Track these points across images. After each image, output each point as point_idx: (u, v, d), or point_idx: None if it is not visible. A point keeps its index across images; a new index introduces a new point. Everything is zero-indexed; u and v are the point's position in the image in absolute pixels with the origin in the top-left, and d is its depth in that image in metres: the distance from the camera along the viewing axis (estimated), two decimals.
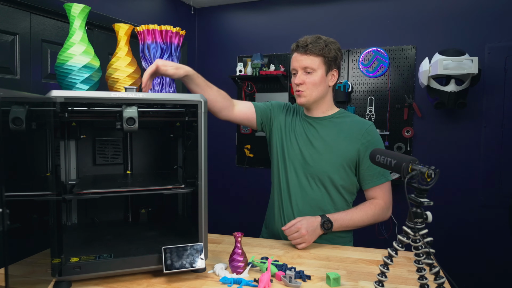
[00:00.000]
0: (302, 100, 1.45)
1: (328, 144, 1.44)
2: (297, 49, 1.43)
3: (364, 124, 1.45)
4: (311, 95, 1.43)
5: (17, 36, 2.12)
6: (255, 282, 1.04)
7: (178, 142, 1.41)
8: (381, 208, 1.43)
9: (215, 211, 3.50)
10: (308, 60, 1.40)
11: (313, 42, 1.40)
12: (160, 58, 1.26)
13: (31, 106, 0.89)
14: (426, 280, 0.92)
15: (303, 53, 1.41)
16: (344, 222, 1.38)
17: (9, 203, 0.73)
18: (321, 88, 1.44)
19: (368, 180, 1.43)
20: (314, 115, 1.50)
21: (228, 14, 3.52)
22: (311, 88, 1.42)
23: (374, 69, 3.02)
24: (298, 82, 1.42)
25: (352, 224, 1.40)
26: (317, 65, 1.41)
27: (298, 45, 1.42)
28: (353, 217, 1.40)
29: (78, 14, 1.14)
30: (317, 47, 1.40)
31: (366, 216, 1.41)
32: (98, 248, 1.12)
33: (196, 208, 1.13)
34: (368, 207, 1.42)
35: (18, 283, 0.81)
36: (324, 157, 1.43)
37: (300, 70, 1.42)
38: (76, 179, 1.32)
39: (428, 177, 0.83)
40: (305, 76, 1.42)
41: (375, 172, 1.42)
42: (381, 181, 1.43)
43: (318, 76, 1.41)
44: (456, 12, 2.82)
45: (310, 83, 1.42)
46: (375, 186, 1.43)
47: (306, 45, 1.40)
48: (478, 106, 2.79)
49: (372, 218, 1.42)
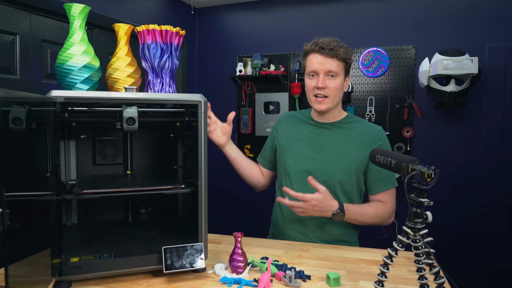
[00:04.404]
0: (324, 106, 1.39)
1: (338, 150, 1.43)
2: (321, 51, 1.36)
3: (374, 130, 1.45)
4: (334, 101, 1.40)
5: (17, 36, 2.12)
6: (255, 282, 1.04)
7: (178, 142, 1.41)
8: (389, 211, 1.42)
9: (215, 211, 3.50)
10: (334, 64, 1.36)
11: (338, 46, 1.36)
12: (160, 58, 1.26)
13: (31, 106, 0.89)
14: (426, 280, 0.92)
15: (328, 56, 1.35)
16: (353, 216, 1.36)
17: (9, 203, 0.73)
18: (341, 94, 1.42)
19: (376, 185, 1.43)
20: (325, 121, 1.48)
21: (228, 14, 3.52)
22: (334, 93, 1.38)
23: (374, 69, 3.02)
24: (322, 85, 1.36)
25: (361, 220, 1.38)
26: (340, 70, 1.38)
27: (322, 47, 1.35)
28: (365, 214, 1.37)
29: (78, 14, 1.14)
30: (343, 51, 1.36)
31: (376, 215, 1.39)
32: (98, 248, 1.12)
33: (196, 208, 1.13)
34: (379, 207, 1.41)
35: (18, 283, 0.81)
36: (335, 164, 1.42)
37: (323, 73, 1.37)
38: (76, 179, 1.32)
39: (428, 177, 0.83)
40: (328, 80, 1.37)
41: (383, 177, 1.41)
42: (389, 186, 1.42)
43: (340, 81, 1.39)
44: (456, 12, 2.81)
45: (333, 88, 1.37)
46: (383, 192, 1.42)
47: (332, 48, 1.35)
48: (478, 106, 2.78)
49: (379, 219, 1.41)
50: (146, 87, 1.25)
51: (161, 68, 1.22)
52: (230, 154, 1.55)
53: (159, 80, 1.32)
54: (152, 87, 1.23)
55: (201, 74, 3.63)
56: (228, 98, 3.49)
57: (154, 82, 1.30)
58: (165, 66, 1.22)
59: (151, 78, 1.23)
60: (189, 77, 3.54)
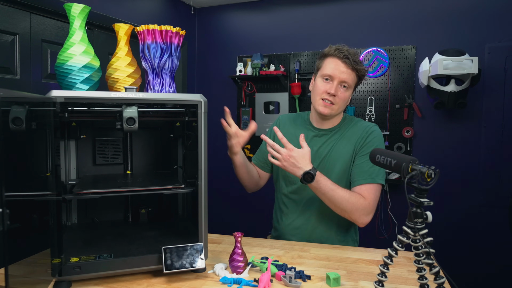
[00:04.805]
0: (328, 111, 1.39)
1: (334, 155, 1.43)
2: (344, 59, 1.35)
3: (366, 127, 1.43)
4: (338, 110, 1.40)
5: (17, 36, 2.11)
6: (255, 282, 1.04)
7: (178, 142, 1.41)
8: (365, 205, 1.31)
9: (215, 211, 3.50)
10: (351, 76, 1.36)
11: (358, 60, 1.36)
12: (160, 58, 1.26)
13: (31, 106, 0.89)
14: (426, 280, 0.92)
15: (349, 67, 1.35)
16: (323, 187, 1.28)
17: (9, 203, 0.73)
18: (345, 106, 1.43)
19: (355, 178, 1.38)
20: (324, 127, 1.48)
21: (228, 14, 3.52)
22: (341, 103, 1.39)
23: (374, 69, 3.02)
24: (334, 93, 1.35)
25: (330, 197, 1.29)
26: (353, 84, 1.39)
27: (347, 56, 1.34)
28: (336, 190, 1.29)
29: (78, 14, 1.14)
30: (362, 69, 1.37)
31: (347, 199, 1.29)
32: (98, 248, 1.12)
33: (196, 208, 1.13)
34: (354, 195, 1.32)
35: (18, 283, 0.81)
36: (331, 169, 1.42)
37: (338, 81, 1.36)
38: (76, 179, 1.32)
39: (428, 177, 0.83)
40: (340, 89, 1.37)
41: (363, 170, 1.36)
42: (367, 181, 1.34)
43: (350, 94, 1.40)
44: (456, 12, 2.81)
45: (342, 98, 1.38)
46: (362, 185, 1.35)
47: (355, 61, 1.35)
48: (478, 106, 2.78)
49: (350, 206, 1.30)
50: (146, 87, 1.25)
51: (161, 68, 1.22)
52: (239, 160, 1.49)
53: (159, 80, 1.32)
54: (152, 87, 1.23)
55: (201, 74, 3.63)
56: (228, 98, 3.49)
57: (154, 82, 1.30)
58: (165, 66, 1.22)
59: (151, 78, 1.23)
60: (189, 77, 3.54)
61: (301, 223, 1.48)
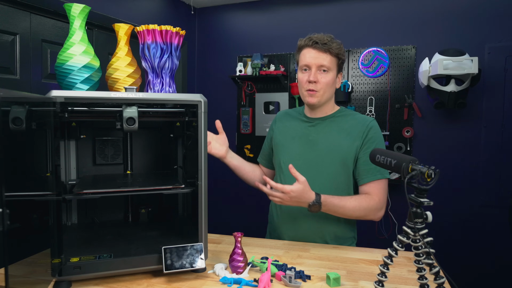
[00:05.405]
0: (315, 100, 1.41)
1: (330, 144, 1.43)
2: (314, 45, 1.38)
3: (365, 121, 1.44)
4: (324, 95, 1.41)
5: (17, 36, 2.11)
6: (255, 282, 1.04)
7: (178, 142, 1.41)
8: (375, 204, 1.36)
9: (215, 211, 3.50)
10: (327, 59, 1.37)
11: (331, 41, 1.38)
12: (160, 58, 1.26)
13: (31, 106, 0.89)
14: (426, 280, 0.92)
15: (321, 51, 1.37)
16: (332, 208, 1.32)
17: (9, 203, 0.73)
18: (332, 89, 1.44)
19: (363, 175, 1.40)
20: (317, 116, 1.49)
21: (228, 14, 3.52)
22: (325, 88, 1.40)
23: (374, 69, 3.02)
24: (313, 79, 1.38)
25: (342, 213, 1.34)
26: (333, 65, 1.39)
27: (316, 41, 1.38)
28: (345, 206, 1.33)
29: (78, 14, 1.14)
30: (336, 47, 1.38)
31: (358, 207, 1.34)
32: (98, 248, 1.12)
33: (196, 208, 1.13)
34: (363, 199, 1.36)
35: (18, 283, 0.81)
36: (327, 158, 1.42)
37: (315, 67, 1.38)
38: (76, 179, 1.32)
39: (428, 177, 0.83)
40: (320, 74, 1.39)
41: (372, 167, 1.38)
42: (377, 177, 1.38)
43: (332, 76, 1.40)
44: (456, 12, 2.81)
45: (325, 82, 1.39)
46: (370, 182, 1.38)
47: (325, 43, 1.37)
48: (478, 106, 2.78)
49: (363, 212, 1.35)
50: (146, 87, 1.25)
51: (161, 68, 1.22)
52: (232, 163, 1.56)
53: (159, 80, 1.32)
54: (152, 87, 1.23)
55: (201, 74, 3.63)
56: (228, 98, 3.49)
57: (154, 82, 1.30)
58: (165, 66, 1.22)
59: (151, 78, 1.24)
60: (189, 77, 3.54)
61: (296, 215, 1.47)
